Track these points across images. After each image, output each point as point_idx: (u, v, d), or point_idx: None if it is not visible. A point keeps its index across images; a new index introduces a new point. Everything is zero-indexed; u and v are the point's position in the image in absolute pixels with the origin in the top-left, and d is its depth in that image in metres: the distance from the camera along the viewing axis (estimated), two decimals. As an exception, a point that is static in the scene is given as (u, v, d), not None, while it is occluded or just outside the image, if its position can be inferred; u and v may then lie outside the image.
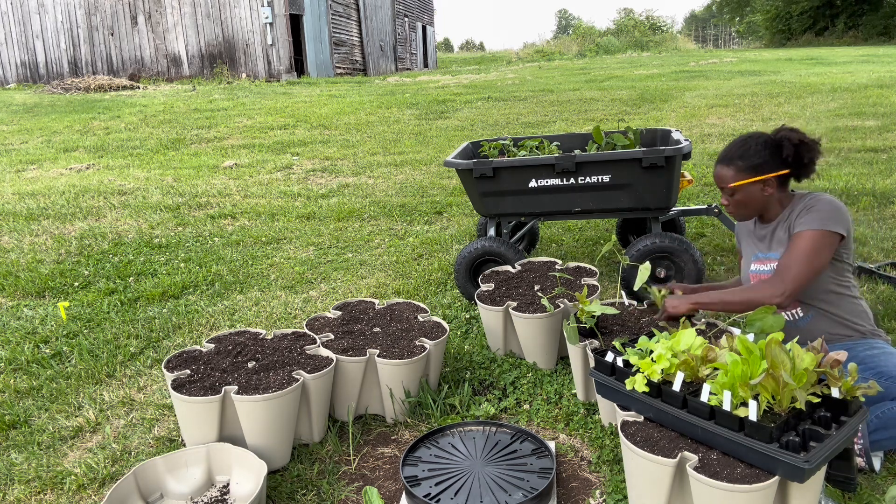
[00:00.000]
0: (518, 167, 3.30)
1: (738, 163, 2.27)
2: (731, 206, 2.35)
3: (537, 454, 2.19)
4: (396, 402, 2.48)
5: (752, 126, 8.22)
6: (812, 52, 21.65)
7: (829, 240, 2.15)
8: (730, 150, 2.31)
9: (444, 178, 6.56)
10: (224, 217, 5.48)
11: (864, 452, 2.00)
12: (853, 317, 2.27)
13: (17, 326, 3.45)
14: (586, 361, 2.44)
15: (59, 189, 6.39)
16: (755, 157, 2.25)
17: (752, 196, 2.28)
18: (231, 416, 2.20)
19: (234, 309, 3.62)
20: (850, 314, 2.27)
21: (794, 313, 2.32)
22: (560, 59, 29.34)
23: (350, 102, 12.37)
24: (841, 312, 2.26)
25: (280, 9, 17.31)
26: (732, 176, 2.28)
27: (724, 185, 2.30)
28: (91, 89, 15.08)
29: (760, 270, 2.37)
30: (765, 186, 2.26)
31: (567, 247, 4.45)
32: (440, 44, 68.41)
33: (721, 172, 2.31)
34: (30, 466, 2.31)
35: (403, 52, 28.52)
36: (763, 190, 2.27)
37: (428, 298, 3.67)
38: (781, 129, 2.27)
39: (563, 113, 10.23)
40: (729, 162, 2.29)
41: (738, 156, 2.28)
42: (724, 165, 2.30)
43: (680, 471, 1.74)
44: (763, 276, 2.35)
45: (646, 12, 69.60)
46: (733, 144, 2.32)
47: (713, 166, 2.37)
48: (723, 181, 2.31)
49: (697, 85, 12.69)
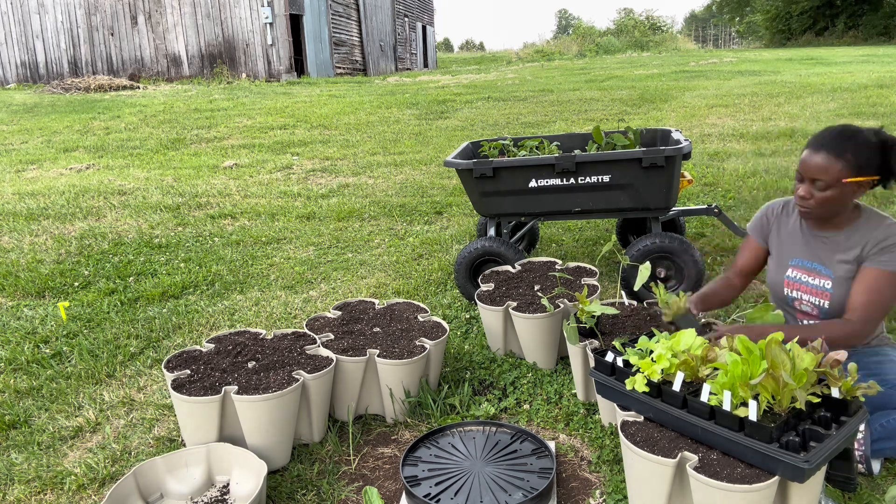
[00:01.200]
0: (518, 167, 3.30)
1: (849, 157, 2.00)
2: (814, 201, 2.07)
3: (537, 454, 2.19)
4: (396, 402, 2.48)
5: (752, 126, 8.22)
6: (812, 52, 21.65)
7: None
8: (839, 142, 2.03)
9: (444, 178, 6.56)
10: (224, 217, 5.48)
11: (865, 459, 1.99)
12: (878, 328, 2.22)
13: (17, 326, 3.45)
14: (586, 361, 2.44)
15: (59, 189, 6.39)
16: (863, 156, 2.01)
17: (844, 196, 2.04)
18: (231, 416, 2.21)
19: (234, 309, 3.62)
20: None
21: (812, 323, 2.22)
22: (560, 59, 29.34)
23: (350, 102, 12.37)
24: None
25: (280, 9, 17.31)
26: (839, 171, 2.00)
27: (823, 177, 2.03)
28: (91, 89, 15.09)
29: (802, 280, 2.22)
30: (858, 189, 2.04)
31: (567, 247, 4.45)
32: (440, 44, 68.42)
33: (826, 164, 2.01)
34: (30, 466, 2.31)
35: (403, 52, 28.52)
36: (855, 193, 2.05)
37: (428, 298, 3.67)
38: (880, 131, 2.06)
39: (563, 113, 10.23)
40: (839, 154, 2.01)
41: (849, 149, 2.01)
42: (831, 156, 2.01)
43: (680, 471, 1.74)
44: (803, 286, 2.21)
45: (646, 12, 69.61)
46: (841, 136, 2.04)
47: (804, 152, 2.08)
48: (825, 173, 2.02)
49: (697, 85, 12.69)
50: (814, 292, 2.20)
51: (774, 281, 2.32)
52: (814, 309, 2.22)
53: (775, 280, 2.31)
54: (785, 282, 2.27)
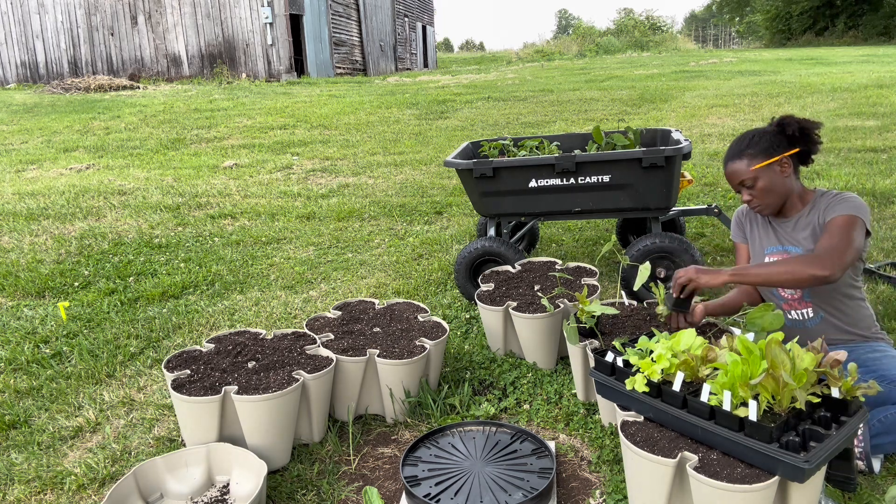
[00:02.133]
0: (518, 167, 3.30)
1: (749, 151, 2.24)
2: (757, 197, 2.27)
3: (537, 454, 2.19)
4: (396, 402, 2.48)
5: (753, 126, 8.21)
6: (812, 52, 21.66)
7: (862, 226, 2.12)
8: (735, 147, 2.28)
9: (444, 178, 6.56)
10: (224, 217, 5.48)
11: (865, 456, 2.00)
12: (860, 321, 2.26)
13: (17, 326, 3.45)
14: (586, 361, 2.44)
15: (59, 189, 6.39)
16: (763, 142, 2.22)
17: (774, 180, 2.23)
18: (231, 416, 2.21)
19: (234, 309, 3.62)
20: (858, 318, 2.26)
21: (804, 313, 2.30)
22: (560, 59, 29.34)
23: (350, 102, 12.38)
24: (849, 317, 2.25)
25: (280, 9, 17.31)
26: (747, 165, 2.23)
27: (742, 177, 2.25)
28: (91, 89, 15.09)
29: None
30: (782, 167, 2.22)
31: (567, 247, 4.44)
32: (440, 44, 68.41)
33: (734, 168, 2.26)
34: (30, 466, 2.31)
35: (403, 52, 28.52)
36: (782, 171, 2.23)
37: (428, 298, 3.67)
38: (779, 117, 2.27)
39: (563, 113, 10.23)
40: (739, 155, 2.25)
41: (745, 146, 2.25)
42: (735, 160, 2.26)
43: (680, 471, 1.74)
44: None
45: (646, 12, 69.63)
46: (736, 141, 2.30)
47: (723, 171, 2.33)
48: (739, 175, 2.26)
49: (697, 85, 12.69)
50: None
51: None
52: (796, 291, 2.30)
53: None
54: None
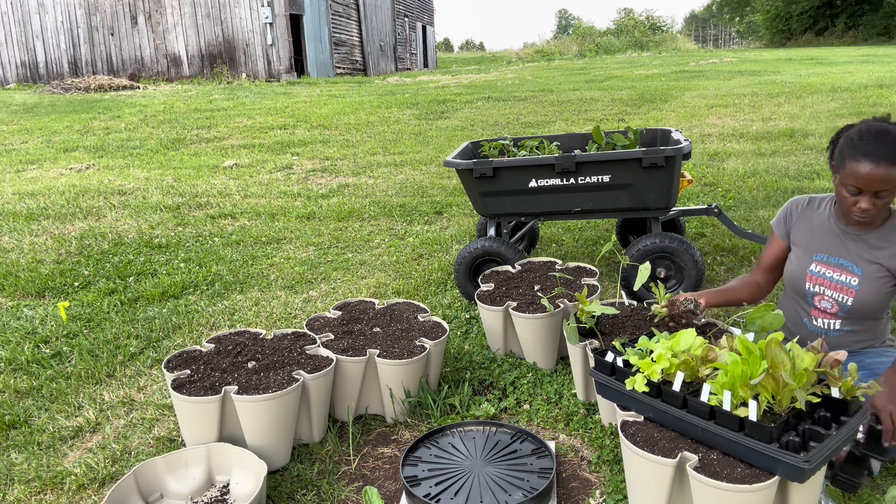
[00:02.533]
0: (518, 167, 3.30)
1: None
2: (875, 209, 2.03)
3: (537, 454, 2.19)
4: (396, 402, 2.48)
5: (752, 126, 8.22)
6: (812, 52, 21.65)
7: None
8: (891, 148, 1.97)
9: (444, 178, 6.56)
10: (224, 217, 5.48)
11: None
12: (880, 335, 2.22)
13: (17, 326, 3.45)
14: (586, 361, 2.44)
15: (59, 189, 6.39)
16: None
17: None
18: (231, 416, 2.21)
19: (234, 309, 3.62)
20: (879, 332, 2.21)
21: (831, 324, 2.22)
22: (560, 59, 29.34)
23: (350, 102, 12.37)
24: (872, 332, 2.20)
25: (280, 9, 17.31)
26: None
27: (888, 187, 1.98)
28: (91, 89, 15.09)
29: (826, 275, 2.20)
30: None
31: (567, 247, 4.44)
32: (440, 44, 68.41)
33: (888, 174, 1.95)
34: (30, 466, 2.31)
35: (403, 52, 28.52)
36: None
37: (428, 298, 3.67)
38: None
39: (563, 113, 10.23)
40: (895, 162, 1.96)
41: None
42: (891, 166, 1.95)
43: (680, 471, 1.74)
44: (827, 282, 2.19)
45: (646, 12, 69.68)
46: (888, 141, 1.98)
47: (862, 167, 1.98)
48: (888, 183, 1.97)
49: (697, 85, 12.69)
50: (838, 288, 2.17)
51: (796, 274, 2.27)
52: (834, 305, 2.19)
53: (797, 273, 2.27)
54: (808, 276, 2.23)
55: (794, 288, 2.31)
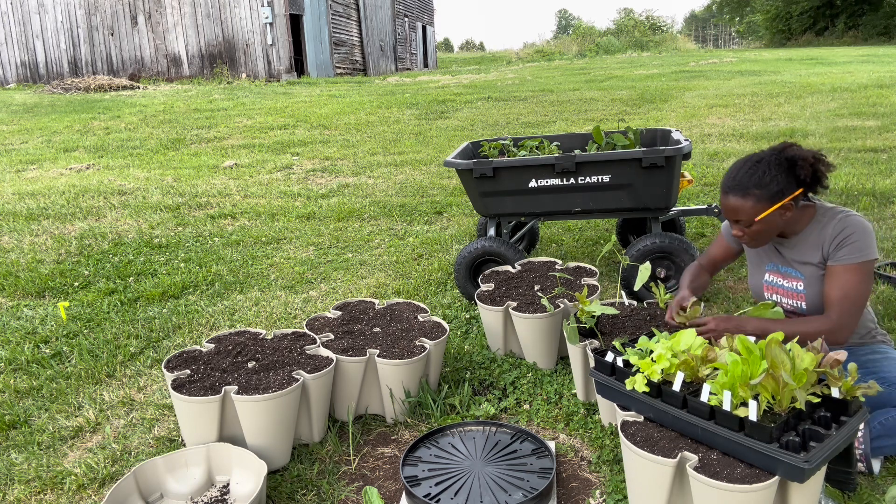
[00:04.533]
0: (518, 167, 3.30)
1: (756, 192, 2.04)
2: (748, 237, 2.14)
3: (537, 454, 2.19)
4: (396, 402, 2.47)
5: (752, 126, 8.22)
6: (812, 52, 21.66)
7: (870, 267, 2.05)
8: (741, 179, 2.07)
9: (444, 178, 6.56)
10: (224, 217, 5.48)
11: (865, 458, 2.00)
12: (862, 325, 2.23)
13: (17, 326, 3.45)
14: (586, 361, 2.44)
15: (59, 189, 6.39)
16: (773, 185, 2.03)
17: (772, 224, 2.08)
18: (231, 416, 2.21)
19: (234, 309, 3.62)
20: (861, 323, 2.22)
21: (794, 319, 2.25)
22: (560, 59, 29.34)
23: (350, 102, 12.37)
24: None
25: (280, 9, 17.31)
26: (751, 207, 2.05)
27: (741, 216, 2.08)
28: (91, 89, 15.09)
29: (778, 284, 2.26)
30: (784, 211, 2.07)
31: (567, 247, 4.44)
32: (440, 44, 68.42)
33: (737, 205, 2.07)
34: (30, 466, 2.31)
35: (403, 52, 28.52)
36: (782, 215, 2.08)
37: (428, 298, 3.67)
38: (787, 148, 2.09)
39: (563, 113, 10.23)
40: (744, 193, 2.05)
41: (753, 185, 2.04)
42: (739, 197, 2.06)
43: (680, 471, 1.74)
44: (780, 290, 2.25)
45: (646, 12, 69.71)
46: (742, 171, 2.08)
47: (721, 196, 2.14)
48: (740, 214, 2.08)
49: (697, 85, 12.69)
50: (790, 294, 2.24)
51: (754, 286, 2.37)
52: (794, 310, 2.25)
53: (755, 285, 2.37)
54: (764, 286, 2.32)
55: (757, 298, 2.39)
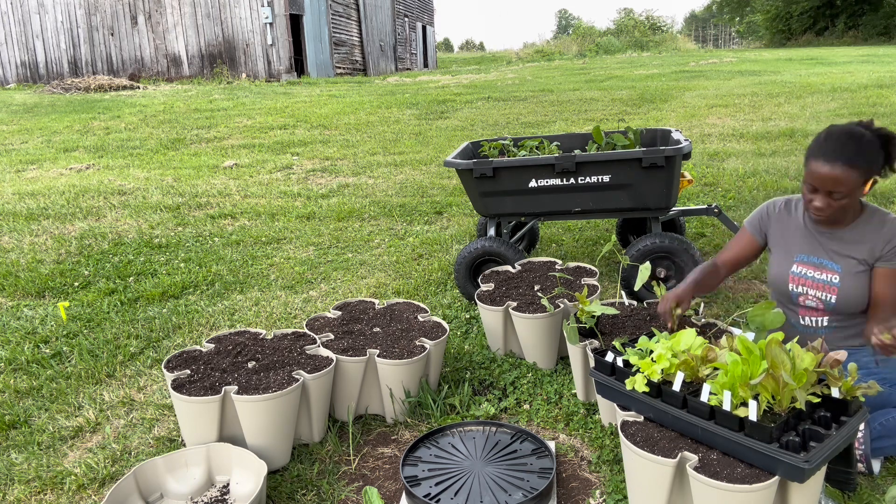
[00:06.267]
0: (518, 167, 3.30)
1: (863, 164, 1.99)
2: (829, 210, 2.06)
3: (537, 454, 2.19)
4: (396, 402, 2.48)
5: (752, 126, 8.22)
6: (812, 52, 21.65)
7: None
8: (848, 150, 2.00)
9: (444, 178, 6.56)
10: (224, 217, 5.48)
11: (865, 458, 2.00)
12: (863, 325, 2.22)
13: (17, 326, 3.45)
14: (586, 361, 2.44)
15: (59, 189, 6.39)
16: (871, 157, 2.00)
17: (855, 199, 2.04)
18: (231, 416, 2.21)
19: (234, 309, 3.62)
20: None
21: (819, 321, 2.24)
22: (560, 59, 29.35)
23: (350, 102, 12.37)
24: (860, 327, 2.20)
25: (280, 9, 17.30)
26: (855, 180, 1.99)
27: (843, 188, 2.01)
28: (91, 89, 15.08)
29: (808, 275, 2.22)
30: (868, 186, 2.04)
31: (567, 247, 4.44)
32: (440, 44, 68.40)
33: (842, 175, 1.99)
34: (30, 466, 2.31)
35: (403, 52, 28.52)
36: (864, 189, 2.04)
37: (428, 298, 3.67)
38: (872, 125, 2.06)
39: (563, 113, 10.23)
40: (853, 164, 1.98)
41: (861, 156, 1.99)
42: (846, 167, 1.98)
43: (680, 471, 1.74)
44: (809, 282, 2.21)
45: (646, 12, 69.72)
46: (850, 143, 2.01)
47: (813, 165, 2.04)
48: (840, 185, 2.00)
49: (697, 85, 12.69)
50: (820, 287, 2.20)
51: (778, 276, 2.30)
52: (819, 304, 2.22)
53: (779, 276, 2.30)
54: (790, 277, 2.26)
55: (777, 290, 2.34)
